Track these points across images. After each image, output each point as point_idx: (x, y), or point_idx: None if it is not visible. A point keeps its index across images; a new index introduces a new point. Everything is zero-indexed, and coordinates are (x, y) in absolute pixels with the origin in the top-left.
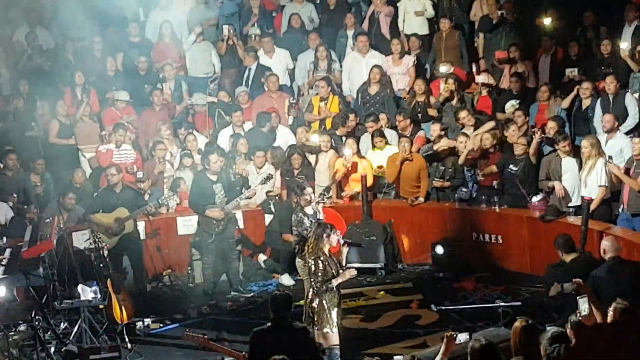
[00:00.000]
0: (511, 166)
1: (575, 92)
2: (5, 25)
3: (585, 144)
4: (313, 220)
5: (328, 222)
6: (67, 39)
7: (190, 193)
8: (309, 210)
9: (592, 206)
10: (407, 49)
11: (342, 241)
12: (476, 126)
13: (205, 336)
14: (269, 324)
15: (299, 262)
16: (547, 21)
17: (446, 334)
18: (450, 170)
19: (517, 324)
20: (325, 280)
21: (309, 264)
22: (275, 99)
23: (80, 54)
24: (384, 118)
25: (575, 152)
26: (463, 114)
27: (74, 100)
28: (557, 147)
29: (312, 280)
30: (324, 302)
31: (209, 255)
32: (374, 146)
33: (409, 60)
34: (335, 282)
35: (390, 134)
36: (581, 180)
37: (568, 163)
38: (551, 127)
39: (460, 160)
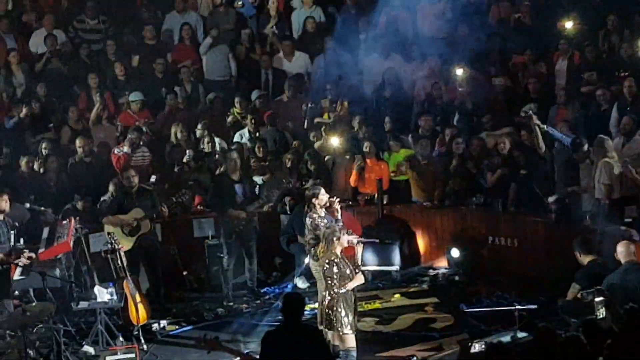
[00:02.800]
0: (522, 171)
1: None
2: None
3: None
4: (327, 222)
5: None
6: (83, 41)
7: (210, 193)
8: (322, 212)
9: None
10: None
11: (355, 241)
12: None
13: (218, 337)
14: (282, 326)
15: (313, 264)
16: (567, 25)
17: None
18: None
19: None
20: (341, 283)
21: (323, 268)
22: (293, 103)
23: (96, 56)
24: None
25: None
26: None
27: (89, 103)
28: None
29: (328, 283)
30: (341, 304)
31: (230, 256)
32: (389, 150)
33: (433, 63)
34: (349, 286)
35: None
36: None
37: (585, 167)
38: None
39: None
